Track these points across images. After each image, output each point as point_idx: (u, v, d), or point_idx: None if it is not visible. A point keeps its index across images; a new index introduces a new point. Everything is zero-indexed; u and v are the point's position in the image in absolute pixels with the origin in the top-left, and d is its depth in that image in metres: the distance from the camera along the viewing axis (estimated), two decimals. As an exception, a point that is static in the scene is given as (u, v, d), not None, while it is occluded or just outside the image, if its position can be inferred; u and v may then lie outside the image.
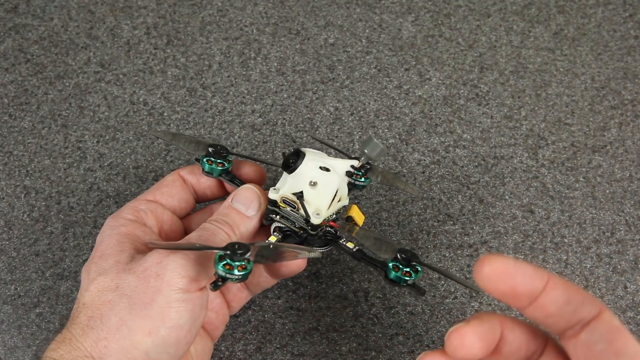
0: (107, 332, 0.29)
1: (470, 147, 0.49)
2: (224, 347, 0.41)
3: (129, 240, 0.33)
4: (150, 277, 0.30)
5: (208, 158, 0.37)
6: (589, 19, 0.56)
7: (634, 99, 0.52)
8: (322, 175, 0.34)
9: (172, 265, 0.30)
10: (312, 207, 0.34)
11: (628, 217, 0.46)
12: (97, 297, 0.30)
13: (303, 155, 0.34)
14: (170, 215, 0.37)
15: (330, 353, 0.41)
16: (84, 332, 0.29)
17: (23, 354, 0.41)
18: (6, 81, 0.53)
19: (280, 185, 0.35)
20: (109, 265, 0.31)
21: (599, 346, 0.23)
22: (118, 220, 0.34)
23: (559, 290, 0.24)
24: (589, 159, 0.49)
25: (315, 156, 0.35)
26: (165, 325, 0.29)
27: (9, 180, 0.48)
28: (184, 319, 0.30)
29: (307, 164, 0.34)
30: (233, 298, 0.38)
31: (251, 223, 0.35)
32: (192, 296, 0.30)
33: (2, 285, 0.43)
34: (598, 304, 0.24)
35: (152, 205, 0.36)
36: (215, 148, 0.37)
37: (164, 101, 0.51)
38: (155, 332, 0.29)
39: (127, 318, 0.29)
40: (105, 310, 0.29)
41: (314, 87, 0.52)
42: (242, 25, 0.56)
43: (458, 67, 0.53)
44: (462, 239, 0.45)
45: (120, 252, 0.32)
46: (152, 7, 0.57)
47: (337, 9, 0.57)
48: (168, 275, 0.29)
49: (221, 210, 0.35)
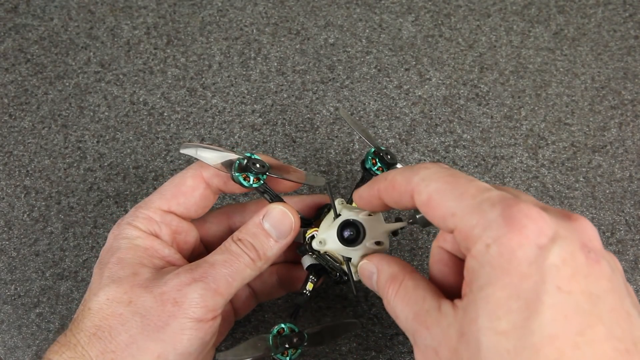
0: (115, 347, 0.29)
1: (470, 147, 0.49)
2: (224, 347, 0.41)
3: (148, 255, 0.32)
4: (167, 301, 0.29)
5: (244, 174, 0.33)
6: (589, 19, 0.56)
7: (634, 99, 0.52)
8: (375, 249, 0.33)
9: (192, 294, 0.29)
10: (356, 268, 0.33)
11: (628, 217, 0.46)
12: (106, 306, 0.30)
13: (364, 234, 0.32)
14: (186, 225, 0.35)
15: (330, 353, 0.41)
16: (90, 341, 0.29)
17: (23, 354, 0.41)
18: (6, 81, 0.53)
19: (326, 239, 0.33)
20: (125, 275, 0.31)
21: None
22: (134, 231, 0.33)
23: None
24: (589, 159, 0.49)
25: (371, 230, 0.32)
26: (176, 351, 0.29)
27: (9, 180, 0.48)
28: (195, 347, 0.30)
29: (366, 245, 0.32)
30: (241, 306, 0.38)
31: (278, 247, 0.33)
32: (206, 325, 0.30)
33: (2, 285, 0.43)
34: None
35: (168, 218, 0.34)
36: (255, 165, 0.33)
37: (164, 101, 0.51)
38: (164, 356, 0.29)
39: (139, 337, 0.29)
40: (115, 324, 0.29)
41: (314, 87, 0.52)
42: (242, 25, 0.56)
43: (458, 67, 0.53)
44: (462, 239, 0.45)
45: (140, 266, 0.31)
46: (152, 7, 0.57)
47: (337, 9, 0.57)
48: (187, 304, 0.29)
49: (250, 228, 0.32)
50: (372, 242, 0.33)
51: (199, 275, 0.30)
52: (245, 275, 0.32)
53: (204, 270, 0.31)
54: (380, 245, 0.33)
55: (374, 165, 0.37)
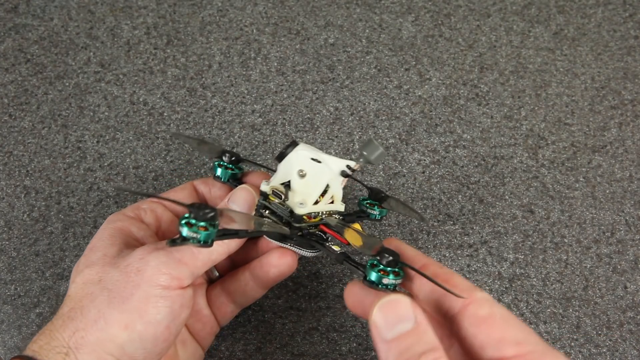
0: (84, 324, 0.29)
1: (470, 147, 0.49)
2: (224, 347, 0.41)
3: (121, 234, 0.33)
4: (131, 272, 0.30)
5: (220, 163, 0.38)
6: (589, 19, 0.56)
7: (634, 99, 0.52)
8: (313, 166, 0.34)
9: (154, 262, 0.30)
10: (298, 196, 0.33)
11: (628, 217, 0.46)
12: (80, 289, 0.30)
13: (296, 145, 0.34)
14: (171, 216, 0.37)
15: (330, 353, 0.41)
16: (64, 323, 0.29)
17: (23, 354, 0.41)
18: (6, 81, 0.53)
19: (271, 179, 0.35)
20: (97, 258, 0.31)
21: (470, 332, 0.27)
22: (117, 216, 0.34)
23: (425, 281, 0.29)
24: (589, 159, 0.49)
25: (309, 149, 0.35)
26: (142, 320, 0.29)
27: (9, 180, 0.48)
28: (162, 315, 0.30)
29: (298, 153, 0.34)
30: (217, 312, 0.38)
31: None
32: (172, 293, 0.30)
33: (2, 285, 0.43)
34: (464, 294, 0.27)
35: (154, 205, 0.36)
36: (230, 155, 0.38)
37: (164, 101, 0.51)
38: (131, 327, 0.29)
39: (105, 311, 0.29)
40: (86, 303, 0.29)
41: (314, 87, 0.52)
42: (242, 25, 0.56)
43: (458, 67, 0.53)
44: (462, 239, 0.45)
45: (110, 246, 0.32)
46: (152, 7, 0.57)
47: (337, 9, 0.57)
48: (149, 272, 0.29)
49: None
50: (307, 156, 0.34)
51: (162, 245, 0.31)
52: (211, 250, 0.31)
53: None
54: (316, 163, 0.34)
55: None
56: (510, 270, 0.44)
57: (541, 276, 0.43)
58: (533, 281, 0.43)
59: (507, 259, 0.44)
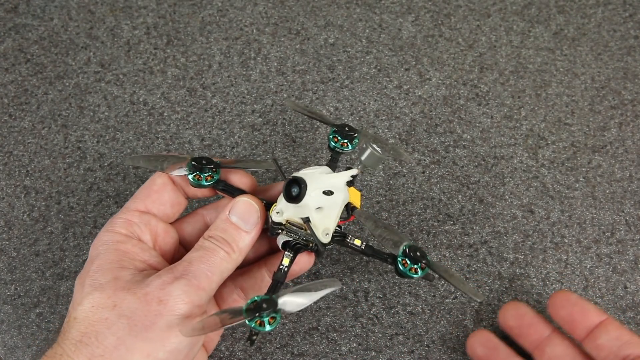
0: (103, 350, 0.28)
1: (470, 147, 0.49)
2: (224, 347, 0.41)
3: (129, 258, 0.32)
4: (152, 300, 0.29)
5: (195, 173, 0.35)
6: (589, 19, 0.56)
7: (634, 99, 0.52)
8: (327, 199, 0.33)
9: (176, 292, 0.30)
10: (320, 229, 0.33)
11: (628, 217, 0.46)
12: (91, 313, 0.30)
13: (305, 185, 0.32)
14: (164, 226, 0.36)
15: (330, 353, 0.41)
16: (76, 349, 0.29)
17: (23, 354, 0.41)
18: (6, 81, 0.53)
19: (283, 208, 0.33)
20: (106, 281, 0.31)
21: None
22: (114, 236, 0.33)
23: (611, 327, 0.33)
24: (589, 159, 0.49)
25: (315, 181, 0.33)
26: (165, 349, 0.29)
27: (9, 180, 0.48)
28: (184, 344, 0.30)
29: (311, 195, 0.33)
30: None
31: (250, 237, 0.34)
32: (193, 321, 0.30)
33: (2, 285, 0.43)
34: None
35: (146, 218, 0.35)
36: (199, 162, 0.35)
37: (164, 101, 0.51)
38: (153, 355, 0.29)
39: (126, 338, 0.29)
40: (101, 328, 0.29)
41: (314, 87, 0.52)
42: (242, 25, 0.56)
43: (458, 67, 0.53)
44: (462, 239, 0.45)
45: (120, 269, 0.31)
46: (152, 7, 0.57)
47: (337, 9, 0.57)
48: (172, 302, 0.29)
49: (219, 224, 0.34)
50: (319, 192, 0.33)
51: (180, 274, 0.31)
52: (222, 269, 0.32)
53: (184, 268, 0.31)
54: (329, 195, 0.33)
55: (337, 142, 0.38)
56: (510, 270, 0.44)
57: (541, 276, 0.43)
58: (533, 281, 0.43)
59: (507, 259, 0.44)
